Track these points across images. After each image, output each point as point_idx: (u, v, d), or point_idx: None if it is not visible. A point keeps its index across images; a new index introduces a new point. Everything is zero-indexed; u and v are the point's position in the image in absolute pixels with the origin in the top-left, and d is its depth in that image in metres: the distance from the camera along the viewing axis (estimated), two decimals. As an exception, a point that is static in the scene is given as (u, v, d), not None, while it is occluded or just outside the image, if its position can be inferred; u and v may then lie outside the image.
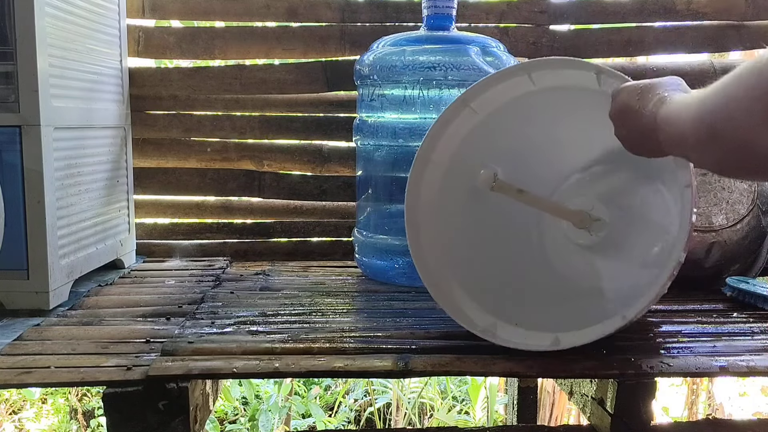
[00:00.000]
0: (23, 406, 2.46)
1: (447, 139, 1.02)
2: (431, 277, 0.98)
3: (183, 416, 0.81)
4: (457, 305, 0.97)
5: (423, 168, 1.01)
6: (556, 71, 0.94)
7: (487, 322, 0.94)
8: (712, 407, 2.35)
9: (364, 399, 2.46)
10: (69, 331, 0.99)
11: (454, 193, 1.04)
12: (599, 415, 0.93)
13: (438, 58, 1.18)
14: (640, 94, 0.66)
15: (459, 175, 1.03)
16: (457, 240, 1.04)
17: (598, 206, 1.00)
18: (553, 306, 1.00)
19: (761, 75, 0.40)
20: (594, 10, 1.50)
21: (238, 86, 1.49)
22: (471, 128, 1.02)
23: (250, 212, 1.54)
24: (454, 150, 1.02)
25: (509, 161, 1.03)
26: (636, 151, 0.72)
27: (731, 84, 0.44)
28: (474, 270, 1.03)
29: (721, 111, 0.45)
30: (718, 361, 0.89)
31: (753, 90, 0.41)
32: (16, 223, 1.04)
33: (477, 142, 1.02)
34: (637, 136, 0.67)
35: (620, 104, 0.71)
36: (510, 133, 1.04)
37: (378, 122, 1.25)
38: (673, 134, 0.57)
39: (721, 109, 0.45)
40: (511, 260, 1.07)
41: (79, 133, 1.20)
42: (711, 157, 0.50)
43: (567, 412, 2.08)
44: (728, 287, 1.16)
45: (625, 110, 0.69)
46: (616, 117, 0.72)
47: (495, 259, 1.06)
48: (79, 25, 1.20)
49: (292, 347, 0.91)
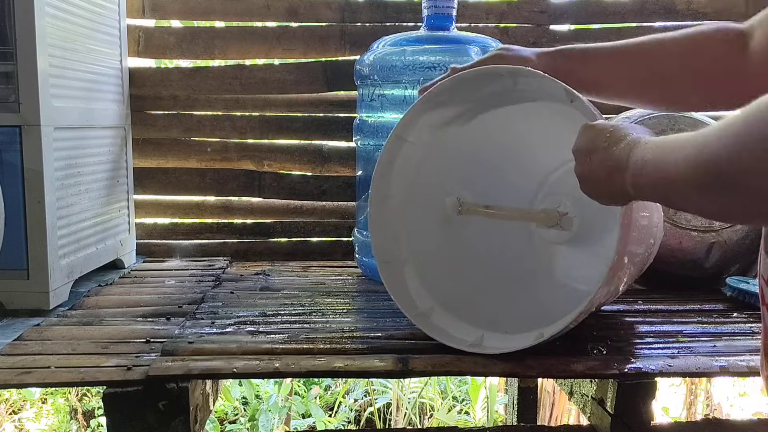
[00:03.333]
0: (23, 406, 2.46)
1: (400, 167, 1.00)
2: (412, 309, 0.97)
3: (183, 416, 0.81)
4: (440, 326, 0.95)
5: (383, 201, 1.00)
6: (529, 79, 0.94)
7: (476, 335, 0.93)
8: (710, 407, 2.35)
9: (364, 399, 2.46)
10: (69, 331, 0.99)
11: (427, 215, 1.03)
12: (599, 415, 0.93)
13: (438, 58, 1.18)
14: (611, 132, 0.64)
15: (427, 197, 1.02)
16: (434, 265, 1.03)
17: (566, 202, 1.01)
18: (538, 304, 1.01)
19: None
20: (594, 10, 1.50)
21: (238, 86, 1.49)
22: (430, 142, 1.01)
23: (250, 212, 1.54)
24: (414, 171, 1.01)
25: (480, 173, 1.03)
26: (594, 192, 0.68)
27: (737, 127, 0.41)
28: (456, 288, 1.02)
29: (725, 156, 0.42)
30: (719, 361, 0.89)
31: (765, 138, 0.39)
32: (16, 223, 1.04)
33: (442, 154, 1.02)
34: (602, 176, 0.64)
35: (586, 141, 0.68)
36: (477, 143, 1.03)
37: (378, 122, 1.25)
38: (653, 178, 0.54)
39: (726, 154, 0.42)
40: (495, 269, 1.07)
41: (79, 133, 1.20)
42: (716, 205, 0.47)
43: (567, 412, 2.08)
44: (728, 287, 1.16)
45: (591, 148, 0.66)
46: (580, 153, 0.69)
47: (477, 272, 1.05)
48: (79, 25, 1.20)
49: (292, 347, 0.91)
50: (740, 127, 0.41)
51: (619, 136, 0.62)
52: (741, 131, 0.41)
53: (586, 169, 0.67)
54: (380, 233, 1.00)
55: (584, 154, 0.67)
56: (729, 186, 0.43)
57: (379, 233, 1.00)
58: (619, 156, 0.60)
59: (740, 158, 0.41)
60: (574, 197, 1.01)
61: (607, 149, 0.63)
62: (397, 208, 1.01)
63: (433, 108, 0.97)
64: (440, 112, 0.98)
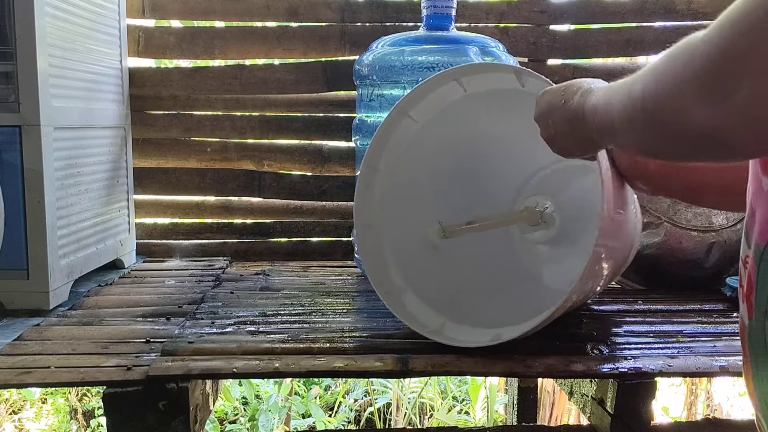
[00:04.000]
0: (23, 406, 2.46)
1: (392, 147, 1.02)
2: (382, 285, 0.98)
3: (183, 416, 0.81)
4: (407, 308, 0.98)
5: (373, 174, 1.02)
6: (483, 75, 0.95)
7: (437, 323, 0.96)
8: (710, 407, 2.35)
9: (364, 399, 2.46)
10: (69, 331, 0.99)
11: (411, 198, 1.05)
12: (599, 415, 0.93)
13: (437, 58, 1.17)
14: (564, 90, 0.66)
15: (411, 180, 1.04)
16: (412, 244, 1.04)
17: (545, 201, 1.02)
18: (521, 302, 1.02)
19: (693, 53, 0.40)
20: (594, 10, 1.50)
21: (238, 86, 1.49)
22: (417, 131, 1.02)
23: (250, 212, 1.54)
24: (401, 156, 1.03)
25: (469, 161, 1.05)
26: (564, 150, 0.71)
27: (662, 65, 0.44)
28: (430, 274, 1.03)
29: (653, 92, 0.45)
30: (719, 361, 0.89)
31: (684, 70, 0.41)
32: (16, 223, 1.04)
33: (429, 142, 1.03)
34: (566, 131, 0.66)
35: (544, 104, 0.70)
36: (466, 130, 1.05)
37: (377, 122, 1.24)
38: (604, 120, 0.57)
39: (653, 90, 0.45)
40: (478, 263, 1.08)
41: (79, 133, 1.20)
42: (643, 140, 0.50)
43: (567, 412, 2.08)
44: (728, 287, 1.16)
45: (549, 109, 0.69)
46: (541, 118, 0.71)
47: (456, 262, 1.06)
48: (79, 25, 1.20)
49: (292, 347, 0.91)
50: (658, 65, 0.44)
51: (573, 91, 0.64)
52: (659, 68, 0.44)
53: (551, 131, 0.69)
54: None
55: (545, 117, 0.70)
56: (652, 120, 0.46)
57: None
58: (576, 108, 0.63)
59: (657, 92, 0.44)
60: (554, 198, 1.03)
61: (564, 105, 0.65)
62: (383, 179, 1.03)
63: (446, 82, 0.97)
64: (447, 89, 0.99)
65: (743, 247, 0.53)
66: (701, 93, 0.40)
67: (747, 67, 0.37)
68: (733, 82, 0.37)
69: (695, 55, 0.40)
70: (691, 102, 0.41)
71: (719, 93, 0.38)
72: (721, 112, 0.39)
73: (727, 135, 0.40)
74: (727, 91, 0.38)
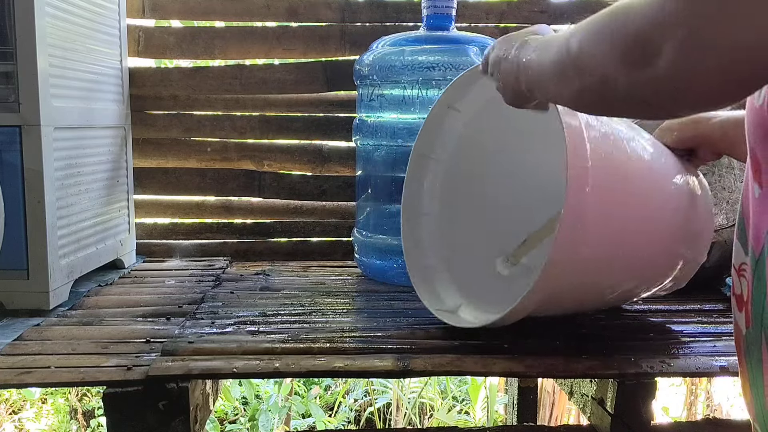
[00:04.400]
0: (23, 406, 2.46)
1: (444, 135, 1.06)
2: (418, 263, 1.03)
3: (183, 416, 0.81)
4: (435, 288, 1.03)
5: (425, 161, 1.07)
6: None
7: (455, 303, 1.00)
8: (710, 408, 2.35)
9: (364, 399, 2.46)
10: (69, 331, 0.99)
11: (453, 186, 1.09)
12: (599, 415, 0.93)
13: (437, 58, 1.18)
14: (514, 38, 0.66)
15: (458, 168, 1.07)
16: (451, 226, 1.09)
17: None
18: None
19: (626, 18, 0.41)
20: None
21: (238, 86, 1.49)
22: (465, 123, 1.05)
23: (250, 212, 1.54)
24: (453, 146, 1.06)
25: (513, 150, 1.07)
26: (511, 101, 0.70)
27: (598, 21, 0.46)
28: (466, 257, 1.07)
29: (585, 45, 0.47)
30: (719, 361, 0.89)
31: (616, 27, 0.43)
32: (16, 223, 1.04)
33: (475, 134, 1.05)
34: (510, 81, 0.65)
35: (497, 51, 0.69)
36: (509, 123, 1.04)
37: (377, 122, 1.25)
38: (536, 73, 0.57)
39: (585, 44, 0.47)
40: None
41: (79, 133, 1.20)
42: (568, 91, 0.51)
43: (567, 412, 2.08)
44: (728, 287, 1.16)
45: (496, 59, 0.68)
46: (494, 66, 0.70)
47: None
48: (79, 25, 1.20)
49: (292, 347, 0.91)
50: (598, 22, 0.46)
51: (520, 41, 0.64)
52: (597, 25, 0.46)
53: (499, 85, 0.69)
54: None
55: (495, 65, 0.69)
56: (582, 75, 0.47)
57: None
58: (516, 59, 0.63)
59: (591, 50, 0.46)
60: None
61: (508, 56, 0.65)
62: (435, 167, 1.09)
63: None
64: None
65: (737, 254, 0.52)
66: (627, 56, 0.41)
67: (668, 34, 0.38)
68: (655, 48, 0.39)
69: (627, 19, 0.41)
70: (618, 64, 0.42)
71: (642, 59, 0.40)
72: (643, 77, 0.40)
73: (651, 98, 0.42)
74: (650, 57, 0.39)
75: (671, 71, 0.38)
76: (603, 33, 0.44)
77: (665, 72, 0.38)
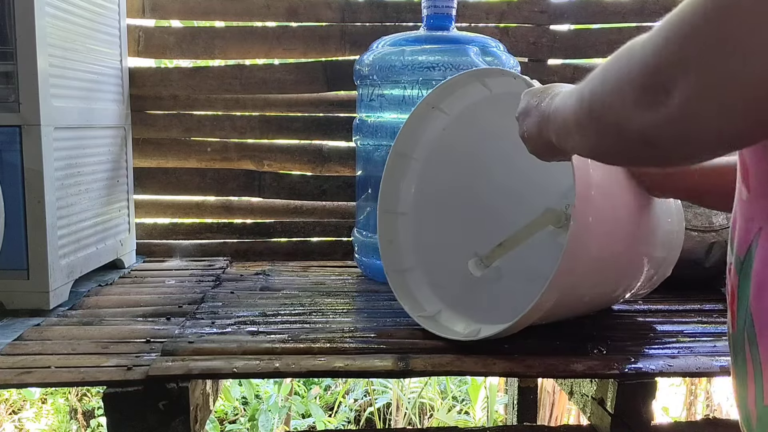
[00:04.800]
0: (23, 406, 2.46)
1: (423, 136, 1.08)
2: (394, 264, 1.04)
3: (183, 416, 0.81)
4: (412, 292, 1.03)
5: (403, 162, 1.08)
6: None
7: (436, 308, 1.00)
8: (710, 407, 2.35)
9: (364, 399, 2.46)
10: (69, 331, 0.99)
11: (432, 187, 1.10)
12: (599, 415, 0.93)
13: (437, 58, 1.18)
14: (542, 91, 0.67)
15: (438, 169, 1.08)
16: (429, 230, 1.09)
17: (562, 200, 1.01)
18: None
19: (632, 57, 0.40)
20: (594, 10, 1.50)
21: (238, 86, 1.49)
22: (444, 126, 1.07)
23: (250, 212, 1.54)
24: (432, 147, 1.08)
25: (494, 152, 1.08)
26: (534, 151, 0.71)
27: (607, 67, 0.44)
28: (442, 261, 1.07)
29: (598, 94, 0.45)
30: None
31: (624, 72, 0.41)
32: (16, 223, 1.04)
33: (453, 138, 1.07)
34: (535, 133, 0.66)
35: (523, 103, 0.71)
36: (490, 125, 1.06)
37: (377, 122, 1.25)
38: (560, 122, 0.57)
39: (599, 92, 0.45)
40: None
41: (79, 133, 1.20)
42: (588, 142, 0.50)
43: (567, 412, 2.08)
44: (728, 287, 1.16)
45: (527, 109, 0.69)
46: (521, 117, 0.72)
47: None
48: (79, 25, 1.20)
49: (292, 347, 0.91)
50: (606, 66, 0.45)
51: (547, 93, 0.65)
52: (605, 71, 0.45)
53: (525, 130, 0.70)
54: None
55: (522, 116, 0.70)
56: (597, 122, 0.47)
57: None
58: (545, 110, 0.63)
59: (602, 95, 0.45)
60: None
61: (537, 107, 0.66)
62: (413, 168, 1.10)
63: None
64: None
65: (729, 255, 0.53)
66: (638, 97, 0.40)
67: (680, 72, 0.37)
68: (667, 88, 0.37)
69: (634, 58, 0.40)
70: (629, 106, 0.41)
71: (654, 98, 0.38)
72: (656, 117, 0.39)
73: (662, 141, 0.40)
74: (661, 96, 0.38)
75: (684, 109, 0.37)
76: (614, 76, 0.43)
77: (679, 110, 0.37)
